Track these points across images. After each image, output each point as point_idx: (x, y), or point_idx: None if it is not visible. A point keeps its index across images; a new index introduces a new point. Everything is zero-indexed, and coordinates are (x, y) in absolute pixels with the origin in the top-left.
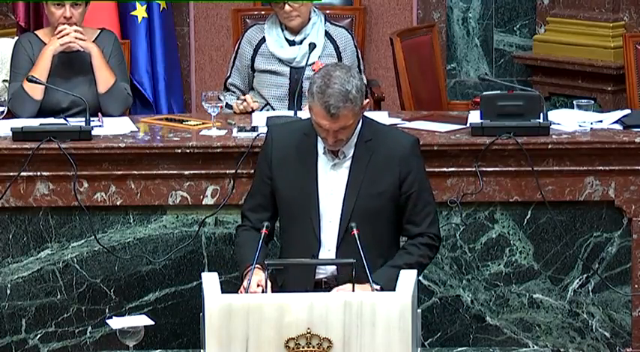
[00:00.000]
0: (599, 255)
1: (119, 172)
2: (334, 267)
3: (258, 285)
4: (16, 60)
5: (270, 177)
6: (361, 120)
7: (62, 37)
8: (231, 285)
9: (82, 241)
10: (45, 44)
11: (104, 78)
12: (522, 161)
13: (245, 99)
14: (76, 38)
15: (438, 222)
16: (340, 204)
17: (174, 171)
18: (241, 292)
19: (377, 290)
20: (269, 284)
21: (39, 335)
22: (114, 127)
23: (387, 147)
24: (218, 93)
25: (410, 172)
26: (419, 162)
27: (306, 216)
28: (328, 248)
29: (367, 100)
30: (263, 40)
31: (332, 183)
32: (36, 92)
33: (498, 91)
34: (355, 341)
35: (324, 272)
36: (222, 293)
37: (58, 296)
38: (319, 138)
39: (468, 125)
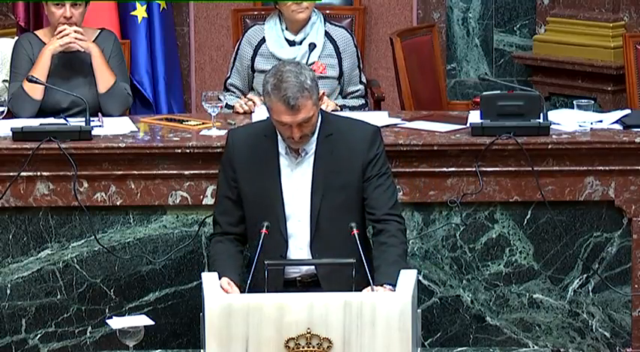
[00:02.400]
0: (599, 255)
1: (119, 172)
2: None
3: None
4: (16, 60)
5: (235, 180)
6: (320, 116)
7: (62, 37)
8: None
9: (82, 241)
10: (45, 44)
11: (104, 78)
12: (522, 161)
13: (252, 100)
14: (76, 38)
15: (399, 204)
16: (308, 202)
17: (174, 171)
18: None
19: (391, 290)
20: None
21: (39, 335)
22: (114, 127)
23: (349, 139)
24: (218, 93)
25: (370, 160)
26: (379, 149)
27: (272, 218)
28: (299, 246)
29: (323, 90)
30: (263, 40)
31: (297, 182)
32: (36, 92)
33: (498, 91)
34: (355, 341)
35: (298, 271)
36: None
37: (58, 296)
38: (280, 139)
39: (468, 125)
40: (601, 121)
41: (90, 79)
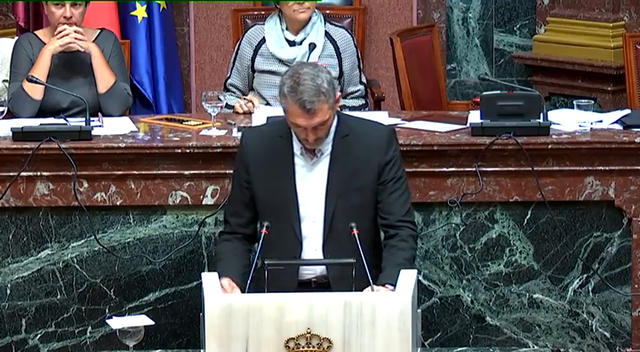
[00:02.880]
0: (599, 255)
1: (119, 172)
2: (323, 267)
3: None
4: (16, 60)
5: (248, 181)
6: (336, 117)
7: (62, 37)
8: None
9: (82, 241)
10: (45, 44)
11: (104, 78)
12: (522, 161)
13: (251, 100)
14: (76, 38)
15: (413, 210)
16: (322, 203)
17: (174, 171)
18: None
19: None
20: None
21: (39, 335)
22: (114, 127)
23: (364, 140)
24: (218, 94)
25: (387, 162)
26: (395, 151)
27: (287, 218)
28: (314, 247)
29: (339, 94)
30: (263, 40)
31: (312, 183)
32: (36, 92)
33: (498, 91)
34: (355, 341)
35: (313, 272)
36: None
37: (58, 296)
38: (294, 139)
39: (468, 125)
40: (601, 121)
41: (90, 79)
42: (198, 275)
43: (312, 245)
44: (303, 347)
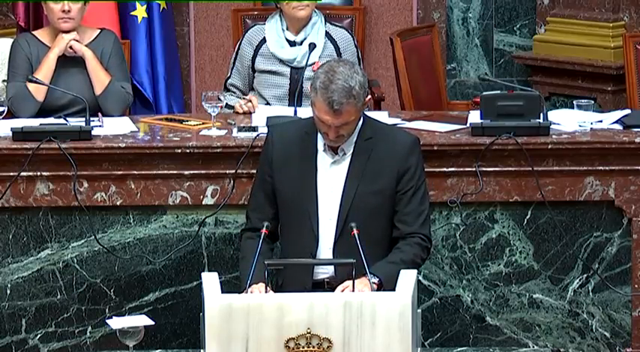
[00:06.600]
0: (599, 255)
1: (119, 172)
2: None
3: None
4: (14, 60)
5: (271, 176)
6: (362, 119)
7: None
8: (231, 285)
9: (82, 241)
10: (43, 44)
11: (99, 79)
12: (522, 161)
13: (250, 100)
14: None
15: (430, 223)
16: (339, 201)
17: (174, 171)
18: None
19: (375, 283)
20: (268, 289)
21: (39, 335)
22: (114, 127)
23: (387, 145)
24: (218, 94)
25: (407, 171)
26: (418, 161)
27: (305, 214)
28: (328, 246)
29: (369, 97)
30: (263, 40)
31: (332, 180)
32: (39, 93)
33: (498, 91)
34: (355, 341)
35: (326, 272)
36: (222, 293)
37: (58, 296)
38: (319, 136)
39: (468, 125)
40: (601, 121)
41: (89, 77)
42: (198, 275)
43: (327, 243)
44: (303, 347)
